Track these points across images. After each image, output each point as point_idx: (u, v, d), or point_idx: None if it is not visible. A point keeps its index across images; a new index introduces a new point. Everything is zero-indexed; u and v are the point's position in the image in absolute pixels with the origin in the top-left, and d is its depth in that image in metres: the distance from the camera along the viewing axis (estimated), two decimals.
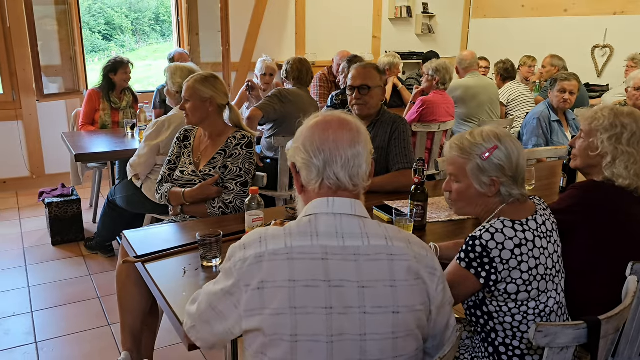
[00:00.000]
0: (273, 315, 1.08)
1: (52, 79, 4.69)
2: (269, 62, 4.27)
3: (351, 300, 1.10)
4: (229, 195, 2.33)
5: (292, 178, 1.31)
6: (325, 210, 1.17)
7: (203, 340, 1.24)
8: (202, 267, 1.74)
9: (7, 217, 4.21)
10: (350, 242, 1.14)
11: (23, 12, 4.30)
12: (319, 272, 1.10)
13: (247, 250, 1.14)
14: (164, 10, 16.96)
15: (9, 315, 2.81)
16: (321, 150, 1.18)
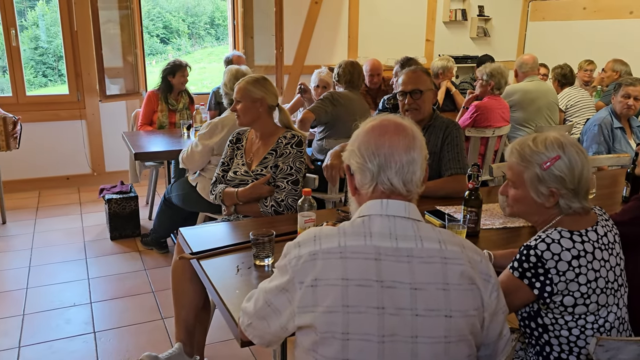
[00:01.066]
0: (325, 313, 1.09)
1: (113, 81, 4.89)
2: (323, 75, 4.28)
3: (403, 302, 1.10)
4: (281, 194, 2.36)
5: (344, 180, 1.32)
6: (379, 211, 1.18)
7: (260, 338, 1.26)
8: (255, 265, 1.77)
9: (69, 211, 4.42)
10: (404, 244, 1.14)
11: (89, 17, 4.51)
12: (371, 272, 1.11)
13: (302, 249, 1.16)
14: (219, 14, 17.37)
15: (70, 305, 2.94)
16: (376, 155, 1.18)
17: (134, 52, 4.98)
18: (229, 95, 3.06)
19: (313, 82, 4.25)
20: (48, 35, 13.50)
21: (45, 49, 13.46)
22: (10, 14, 4.58)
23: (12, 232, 3.94)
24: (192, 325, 2.25)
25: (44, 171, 4.91)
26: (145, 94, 5.01)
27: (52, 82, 13.34)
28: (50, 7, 13.45)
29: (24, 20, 11.86)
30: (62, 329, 2.72)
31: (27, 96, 4.77)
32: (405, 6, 6.14)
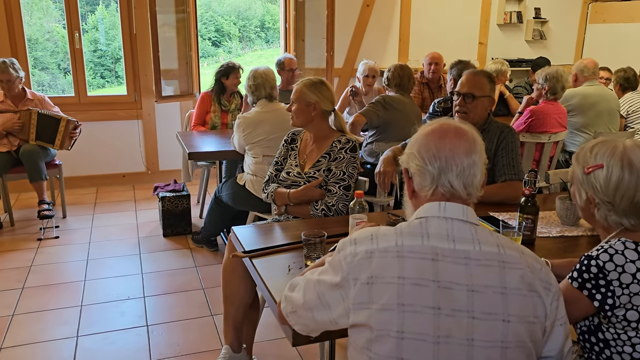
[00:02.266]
0: (380, 311, 1.10)
1: (168, 82, 5.03)
2: (371, 64, 4.39)
3: (459, 304, 1.10)
4: (332, 198, 2.37)
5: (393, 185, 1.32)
6: (437, 213, 1.18)
7: (303, 326, 1.29)
8: (306, 266, 1.78)
9: (125, 208, 4.58)
10: (461, 246, 1.14)
11: (148, 21, 4.67)
12: (428, 272, 1.11)
13: (358, 246, 1.17)
14: (269, 18, 17.62)
15: (125, 299, 3.04)
16: (437, 157, 1.19)
17: (189, 55, 5.12)
18: (255, 94, 3.28)
19: (362, 73, 4.33)
20: (106, 38, 14.05)
21: (104, 51, 14.02)
22: (75, 19, 4.80)
23: (72, 226, 4.12)
24: (240, 322, 2.29)
25: (101, 168, 5.11)
26: (198, 95, 5.15)
27: (109, 83, 13.87)
28: (109, 11, 14.00)
29: (85, 24, 12.40)
30: (117, 320, 2.82)
31: (88, 96, 4.98)
32: (458, 9, 6.05)
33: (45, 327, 2.74)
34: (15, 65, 3.94)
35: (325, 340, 2.10)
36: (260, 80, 3.25)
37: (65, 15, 4.80)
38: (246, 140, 3.18)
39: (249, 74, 3.34)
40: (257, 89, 3.27)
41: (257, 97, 3.29)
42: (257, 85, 3.26)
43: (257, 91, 3.27)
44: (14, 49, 4.60)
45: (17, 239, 3.86)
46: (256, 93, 3.28)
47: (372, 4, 5.68)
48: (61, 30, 12.63)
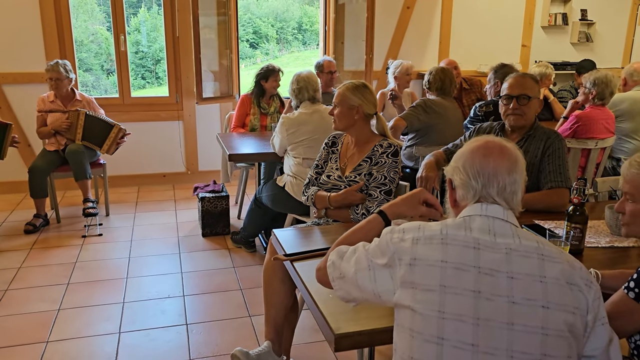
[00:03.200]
0: (423, 291, 1.18)
1: (209, 84, 5.11)
2: (406, 64, 4.49)
3: (499, 289, 1.15)
4: (373, 203, 2.36)
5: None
6: (479, 212, 1.26)
7: (346, 293, 1.37)
8: None
9: (165, 207, 4.67)
10: (502, 240, 1.22)
11: (190, 23, 4.75)
12: (470, 258, 1.18)
13: (406, 234, 1.27)
14: (307, 20, 17.70)
15: (165, 297, 3.10)
16: (480, 174, 1.27)
17: (229, 57, 5.18)
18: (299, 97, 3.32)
19: (395, 72, 4.36)
20: (148, 40, 14.39)
21: (145, 52, 14.36)
22: (120, 22, 4.93)
23: (114, 224, 4.23)
24: (280, 324, 2.30)
25: (143, 168, 5.22)
26: (238, 97, 5.21)
27: (149, 84, 14.20)
28: (150, 13, 14.33)
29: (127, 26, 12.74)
30: (157, 318, 2.87)
31: (132, 97, 5.10)
32: (501, 11, 5.93)
33: (89, 323, 2.81)
34: (67, 66, 4.07)
35: (366, 346, 2.10)
36: (303, 83, 3.29)
37: (111, 18, 4.93)
38: (289, 140, 3.20)
39: (293, 77, 3.38)
40: (300, 92, 3.31)
41: (300, 100, 3.33)
42: (300, 89, 3.30)
43: (300, 94, 3.31)
44: (63, 51, 4.75)
45: (62, 235, 3.98)
46: (299, 96, 3.31)
47: (413, 6, 5.63)
48: (105, 32, 12.99)
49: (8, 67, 4.65)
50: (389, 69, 4.74)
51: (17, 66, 4.67)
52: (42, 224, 4.08)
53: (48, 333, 2.70)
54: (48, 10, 4.61)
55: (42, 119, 4.14)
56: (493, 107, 3.64)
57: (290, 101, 3.47)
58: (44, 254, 3.65)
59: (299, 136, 3.18)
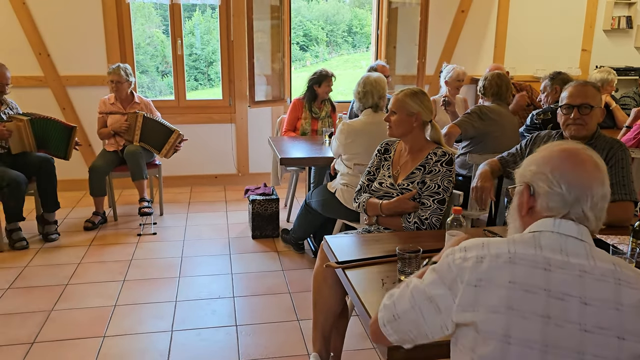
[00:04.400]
0: (488, 313, 1.11)
1: (261, 87, 5.18)
2: (459, 69, 4.40)
3: (571, 315, 1.08)
4: (425, 212, 2.32)
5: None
6: (551, 229, 1.18)
7: (402, 334, 1.25)
8: (399, 280, 1.76)
9: (216, 208, 4.76)
10: (575, 260, 1.13)
11: (245, 28, 4.83)
12: (539, 280, 1.11)
13: (469, 252, 1.18)
14: (357, 22, 17.67)
15: (216, 297, 3.16)
16: (574, 185, 1.18)
17: (282, 61, 5.24)
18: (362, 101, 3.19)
19: (447, 77, 4.29)
20: (201, 42, 14.75)
21: (198, 55, 14.72)
22: (178, 26, 5.07)
23: (167, 224, 4.34)
24: (329, 330, 2.30)
25: (195, 169, 5.35)
26: (289, 101, 5.25)
27: (201, 86, 14.53)
28: (204, 17, 14.67)
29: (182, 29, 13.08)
30: (208, 318, 2.93)
31: (187, 100, 5.23)
32: (560, 14, 5.74)
33: (142, 320, 2.90)
34: (127, 70, 4.22)
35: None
36: (369, 87, 3.17)
37: (169, 22, 5.07)
38: (345, 150, 3.13)
39: (360, 80, 3.26)
40: (364, 96, 3.19)
41: (363, 105, 3.22)
42: (365, 93, 3.18)
43: (364, 98, 3.20)
44: (123, 55, 4.93)
45: (119, 233, 4.13)
46: (363, 100, 3.20)
47: (467, 10, 5.53)
48: (161, 35, 13.40)
49: (72, 70, 4.87)
50: (442, 73, 4.67)
51: (81, 69, 4.88)
52: (100, 222, 4.24)
53: (105, 328, 2.80)
54: (110, 15, 4.80)
55: (103, 120, 4.30)
56: (551, 114, 3.52)
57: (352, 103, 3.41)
58: (101, 250, 3.80)
59: (355, 147, 3.10)
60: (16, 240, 3.77)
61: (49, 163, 3.89)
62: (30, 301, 3.06)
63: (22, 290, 3.19)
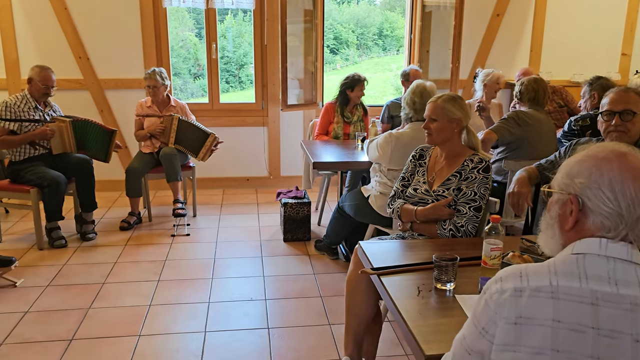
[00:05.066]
0: (531, 354, 1.04)
1: (293, 91, 5.21)
2: (495, 73, 4.38)
3: (622, 355, 1.01)
4: (461, 219, 2.30)
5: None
6: (597, 251, 1.08)
7: None
8: (435, 289, 1.75)
9: (248, 210, 4.81)
10: (625, 291, 1.04)
11: (278, 32, 4.87)
12: (586, 318, 1.03)
13: (505, 283, 1.10)
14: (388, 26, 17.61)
15: (248, 299, 3.19)
16: (637, 203, 1.06)
17: (314, 65, 5.26)
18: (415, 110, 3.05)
19: (483, 81, 4.25)
20: (233, 45, 14.92)
21: (230, 58, 14.90)
22: (213, 30, 5.14)
23: (201, 225, 4.41)
24: (361, 336, 2.30)
25: (228, 171, 5.41)
26: (321, 104, 5.27)
27: (232, 88, 14.70)
28: (236, 20, 14.84)
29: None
30: (241, 320, 2.95)
31: (220, 103, 5.30)
32: (599, 17, 5.61)
33: (176, 320, 2.94)
34: (162, 74, 4.31)
35: None
36: (427, 97, 2.88)
37: (204, 27, 5.15)
38: (388, 162, 3.04)
39: (415, 87, 3.09)
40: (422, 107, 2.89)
41: (415, 117, 3.06)
42: (422, 104, 2.81)
43: (414, 106, 3.04)
44: (159, 59, 5.03)
45: (153, 233, 4.21)
46: (418, 112, 3.00)
47: (503, 13, 5.46)
48: (193, 38, 13.61)
49: (110, 73, 4.98)
50: (477, 77, 4.62)
51: (118, 72, 4.99)
52: (135, 222, 4.33)
53: (140, 327, 2.85)
54: (147, 20, 4.90)
55: (140, 122, 4.40)
56: (590, 121, 3.45)
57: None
58: (136, 250, 3.87)
59: (395, 159, 3.01)
60: (55, 239, 3.88)
61: (87, 164, 3.99)
62: (69, 299, 3.14)
63: (61, 287, 3.28)
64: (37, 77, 3.79)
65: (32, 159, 3.86)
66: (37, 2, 4.74)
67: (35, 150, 3.87)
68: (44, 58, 4.78)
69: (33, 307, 3.04)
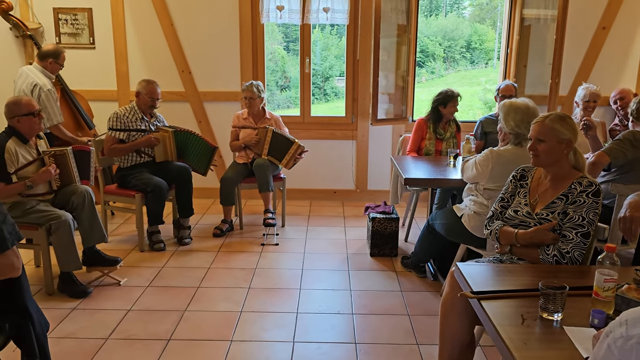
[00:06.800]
0: None
1: (383, 106, 5.20)
2: (593, 89, 4.14)
3: None
4: (567, 245, 2.18)
5: None
6: None
7: None
8: (541, 318, 1.67)
9: (335, 223, 4.84)
10: None
11: (371, 47, 4.90)
12: None
13: (631, 329, 1.03)
14: (477, 38, 17.17)
15: (335, 312, 3.20)
16: None
17: (406, 80, 5.23)
18: (519, 132, 2.91)
19: (582, 98, 4.07)
20: (320, 58, 15.19)
21: (315, 70, 15.18)
22: (307, 45, 5.27)
23: (289, 236, 4.50)
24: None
25: (316, 183, 5.49)
26: (411, 119, 5.23)
27: (317, 100, 14.94)
28: (323, 34, 15.10)
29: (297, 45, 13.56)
30: (328, 333, 2.97)
31: (311, 116, 5.41)
32: None
33: (266, 327, 3.01)
34: (259, 87, 4.47)
35: None
36: (532, 119, 2.50)
37: (299, 42, 5.29)
38: (488, 180, 2.93)
39: (521, 104, 2.91)
40: (520, 126, 2.86)
41: (517, 137, 2.92)
42: (528, 124, 2.60)
43: (519, 127, 2.89)
44: (255, 73, 5.22)
45: (244, 242, 4.34)
46: (518, 128, 2.89)
47: (610, 26, 5.15)
48: (282, 51, 14.03)
49: (209, 86, 5.24)
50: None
51: (216, 85, 5.24)
52: (227, 229, 4.49)
53: (232, 332, 2.95)
54: (246, 36, 5.11)
55: (236, 133, 4.58)
56: None
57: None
58: (228, 257, 4.02)
59: (497, 178, 2.88)
60: (155, 242, 4.11)
61: (187, 172, 4.21)
62: (167, 300, 3.31)
63: (160, 289, 3.47)
64: (144, 91, 4.06)
65: (138, 166, 4.12)
66: (147, 20, 5.09)
67: (140, 158, 4.13)
68: (150, 71, 5.12)
69: (135, 305, 3.24)
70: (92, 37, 5.13)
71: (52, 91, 4.15)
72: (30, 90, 4.07)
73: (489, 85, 14.28)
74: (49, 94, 4.10)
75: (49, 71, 4.21)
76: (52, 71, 4.22)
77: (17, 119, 3.21)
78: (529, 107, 2.92)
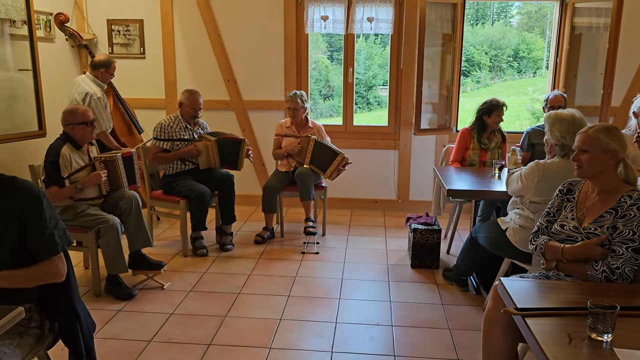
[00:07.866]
0: None
1: (426, 115, 5.15)
2: None
3: None
4: (617, 260, 2.10)
5: None
6: None
7: None
8: (589, 338, 1.61)
9: (375, 233, 4.81)
10: None
11: (415, 57, 4.87)
12: None
13: None
14: (524, 47, 16.81)
15: (374, 324, 3.17)
16: None
17: (450, 90, 5.17)
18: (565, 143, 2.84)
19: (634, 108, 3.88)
20: (364, 67, 15.20)
21: (359, 79, 15.19)
22: (350, 55, 5.28)
23: (329, 244, 4.50)
24: None
25: (357, 193, 5.48)
26: (455, 130, 5.15)
27: (360, 109, 14.94)
28: (367, 43, 15.11)
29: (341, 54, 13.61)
30: (367, 344, 2.94)
31: (354, 126, 5.41)
32: None
33: (305, 336, 3.01)
34: (303, 97, 4.51)
35: None
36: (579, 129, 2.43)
37: (342, 51, 5.31)
38: (534, 194, 2.87)
39: (567, 115, 2.86)
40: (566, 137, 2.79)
41: (564, 149, 2.85)
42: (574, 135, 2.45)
43: (565, 139, 2.82)
44: (298, 82, 5.27)
45: (284, 249, 4.37)
46: (568, 143, 2.78)
47: None
48: (325, 60, 14.12)
49: (253, 95, 5.33)
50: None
51: (261, 95, 5.32)
52: (268, 237, 4.54)
53: (271, 339, 2.96)
54: (290, 46, 5.17)
55: (278, 142, 4.63)
56: None
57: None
58: (269, 264, 4.05)
59: (544, 191, 2.82)
60: (198, 248, 4.19)
61: (230, 179, 4.28)
62: (208, 305, 3.37)
63: (202, 294, 3.53)
64: (187, 102, 4.16)
65: (182, 173, 4.22)
66: (195, 31, 5.23)
67: (185, 165, 4.23)
68: (197, 81, 5.25)
69: (177, 309, 3.30)
70: (143, 47, 5.31)
71: (102, 99, 4.31)
72: (82, 98, 4.23)
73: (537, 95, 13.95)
74: (98, 101, 4.26)
75: (100, 80, 4.37)
76: (103, 80, 4.39)
77: (72, 127, 3.35)
78: (574, 117, 2.84)
